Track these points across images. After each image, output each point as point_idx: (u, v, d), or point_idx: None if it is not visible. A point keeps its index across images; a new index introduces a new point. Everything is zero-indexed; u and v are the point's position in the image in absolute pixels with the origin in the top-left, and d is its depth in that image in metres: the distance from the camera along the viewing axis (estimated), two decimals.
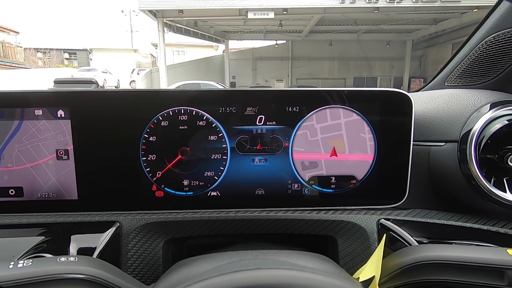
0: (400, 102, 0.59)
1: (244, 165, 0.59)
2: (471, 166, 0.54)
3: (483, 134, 0.54)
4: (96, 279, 0.36)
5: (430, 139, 0.62)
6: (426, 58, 18.36)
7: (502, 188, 0.54)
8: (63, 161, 0.57)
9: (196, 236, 0.60)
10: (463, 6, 11.50)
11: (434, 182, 0.62)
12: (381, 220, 0.59)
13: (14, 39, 22.47)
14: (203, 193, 0.60)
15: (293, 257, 0.38)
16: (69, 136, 0.56)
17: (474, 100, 0.60)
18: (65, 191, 0.58)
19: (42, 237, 0.53)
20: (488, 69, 0.66)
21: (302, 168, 0.60)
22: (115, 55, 27.02)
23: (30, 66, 22.69)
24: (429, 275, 0.40)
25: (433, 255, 0.40)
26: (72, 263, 0.36)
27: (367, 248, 0.58)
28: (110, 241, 0.54)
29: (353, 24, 14.78)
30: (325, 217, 0.60)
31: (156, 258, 0.58)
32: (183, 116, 0.57)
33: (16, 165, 0.57)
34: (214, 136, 0.58)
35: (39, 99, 0.55)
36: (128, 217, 0.58)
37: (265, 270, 0.26)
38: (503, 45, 0.61)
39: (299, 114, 0.59)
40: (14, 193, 0.57)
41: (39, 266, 0.35)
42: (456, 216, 0.58)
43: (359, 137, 0.60)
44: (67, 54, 30.33)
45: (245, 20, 13.72)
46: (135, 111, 0.57)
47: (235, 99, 0.58)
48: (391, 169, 0.61)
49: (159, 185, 0.59)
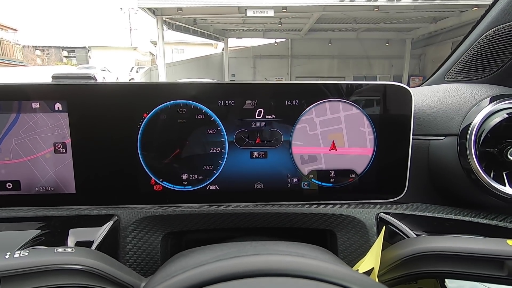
0: (400, 96, 0.59)
1: (243, 159, 0.59)
2: (470, 160, 0.54)
3: (482, 128, 0.54)
4: (94, 270, 0.35)
5: (429, 133, 0.62)
6: (426, 56, 18.34)
7: (501, 182, 0.54)
8: (60, 155, 0.57)
9: (194, 230, 0.60)
10: (463, 5, 11.48)
11: (433, 176, 0.62)
12: (380, 214, 0.59)
13: (12, 37, 22.36)
14: (202, 187, 0.60)
15: (293, 248, 0.38)
16: (66, 129, 0.56)
17: (473, 94, 0.60)
18: (63, 185, 0.57)
19: (39, 231, 0.52)
20: (488, 64, 0.66)
21: (301, 162, 0.60)
22: (114, 53, 26.96)
23: (29, 63, 22.60)
24: (428, 266, 0.39)
25: (432, 246, 0.40)
26: (69, 253, 0.36)
27: (366, 241, 0.58)
28: (108, 234, 0.54)
29: (352, 22, 14.74)
30: (324, 211, 0.60)
31: (154, 252, 0.58)
32: (182, 110, 0.57)
33: (14, 159, 0.56)
34: (213, 130, 0.58)
35: (36, 92, 0.55)
36: (126, 210, 0.58)
37: (264, 255, 0.26)
38: (503, 39, 0.61)
39: (299, 107, 0.58)
40: (11, 187, 0.57)
41: (36, 257, 0.34)
42: (455, 210, 0.58)
43: (358, 131, 0.60)
44: (65, 52, 30.21)
45: (245, 18, 13.67)
46: (133, 104, 0.56)
47: (234, 93, 0.57)
48: (390, 163, 0.61)
49: (157, 179, 0.59)
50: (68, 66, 22.94)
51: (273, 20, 13.92)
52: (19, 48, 21.23)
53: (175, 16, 13.46)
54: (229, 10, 12.64)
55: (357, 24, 15.15)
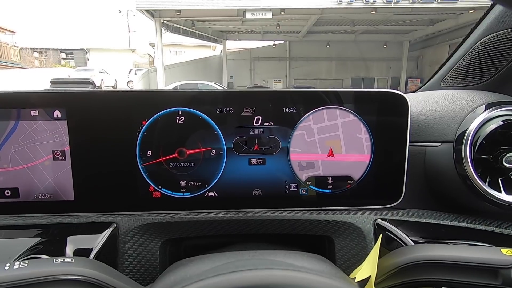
0: (396, 103, 0.59)
1: (241, 166, 0.60)
2: (466, 166, 0.54)
3: (478, 134, 0.55)
4: (92, 280, 0.36)
5: (426, 139, 0.62)
6: (423, 58, 18.46)
7: (497, 188, 0.54)
8: (59, 162, 0.57)
9: (193, 237, 0.60)
10: (460, 7, 11.59)
11: (430, 182, 0.63)
12: (377, 220, 0.59)
13: (10, 39, 22.30)
14: (200, 194, 0.60)
15: (290, 258, 0.38)
16: (65, 136, 0.56)
17: (469, 101, 0.60)
18: (61, 192, 0.58)
19: (38, 238, 0.52)
20: (483, 71, 0.66)
21: (299, 168, 0.61)
22: (112, 55, 26.92)
23: (26, 66, 22.55)
24: (425, 275, 0.40)
25: (428, 255, 0.40)
26: (68, 264, 0.36)
27: (364, 248, 0.59)
28: (107, 242, 0.54)
29: (350, 24, 14.83)
30: (322, 217, 0.60)
31: (153, 259, 0.58)
32: (180, 117, 0.57)
33: (12, 166, 0.56)
34: (211, 137, 0.58)
35: (35, 99, 0.55)
36: (125, 218, 0.58)
37: (261, 270, 0.26)
38: (497, 46, 0.62)
39: (296, 114, 0.59)
40: (10, 194, 0.57)
41: (35, 268, 0.35)
42: (451, 216, 0.59)
43: (355, 138, 0.60)
44: (64, 54, 30.15)
45: (243, 21, 13.73)
46: (132, 111, 0.56)
47: (232, 100, 0.58)
48: (387, 169, 0.61)
49: (156, 186, 0.59)
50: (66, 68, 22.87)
51: (271, 23, 13.98)
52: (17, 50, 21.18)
53: (174, 18, 13.49)
54: (227, 13, 12.69)
55: (355, 27, 15.24)
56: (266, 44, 19.08)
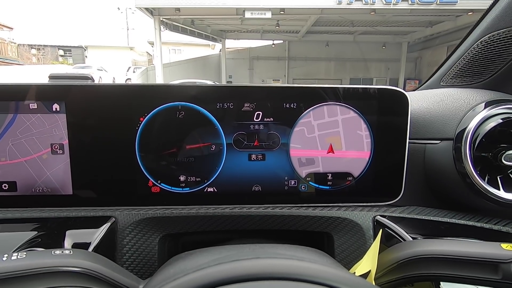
0: (396, 100, 0.60)
1: (241, 161, 0.59)
2: (465, 164, 0.54)
3: (477, 132, 0.55)
4: (91, 273, 0.35)
5: (425, 137, 0.62)
6: (422, 60, 18.52)
7: (496, 186, 0.54)
8: (58, 156, 0.56)
9: (192, 232, 0.60)
10: (458, 10, 11.64)
11: (429, 179, 0.63)
12: (377, 217, 0.59)
13: (7, 35, 22.15)
14: (200, 189, 0.60)
15: (291, 250, 0.38)
16: (64, 130, 0.56)
17: (469, 99, 0.61)
18: (59, 186, 0.57)
19: (36, 232, 0.52)
20: (483, 69, 0.67)
21: (299, 164, 0.60)
22: (110, 53, 26.81)
23: (24, 62, 22.39)
24: (424, 269, 0.40)
25: (428, 250, 0.40)
26: (67, 256, 0.36)
27: (363, 244, 0.59)
28: (105, 236, 0.54)
29: (349, 25, 14.85)
30: (321, 214, 0.60)
31: (151, 254, 0.57)
32: (180, 112, 0.57)
33: (10, 159, 0.56)
34: (211, 132, 0.58)
35: (34, 92, 0.55)
36: (123, 212, 0.58)
37: (263, 259, 0.26)
38: (498, 45, 0.62)
39: (297, 110, 0.59)
40: (7, 188, 0.57)
41: (33, 259, 0.34)
42: (450, 213, 0.59)
43: (355, 135, 0.60)
44: (61, 51, 29.99)
45: (242, 20, 13.70)
46: (131, 105, 0.56)
47: (232, 95, 0.58)
48: (387, 166, 0.61)
49: (155, 181, 0.58)
50: (64, 65, 22.77)
51: (270, 22, 13.97)
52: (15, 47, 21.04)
53: (173, 16, 13.45)
54: (227, 12, 12.67)
55: (354, 27, 15.26)
56: (265, 43, 19.07)
